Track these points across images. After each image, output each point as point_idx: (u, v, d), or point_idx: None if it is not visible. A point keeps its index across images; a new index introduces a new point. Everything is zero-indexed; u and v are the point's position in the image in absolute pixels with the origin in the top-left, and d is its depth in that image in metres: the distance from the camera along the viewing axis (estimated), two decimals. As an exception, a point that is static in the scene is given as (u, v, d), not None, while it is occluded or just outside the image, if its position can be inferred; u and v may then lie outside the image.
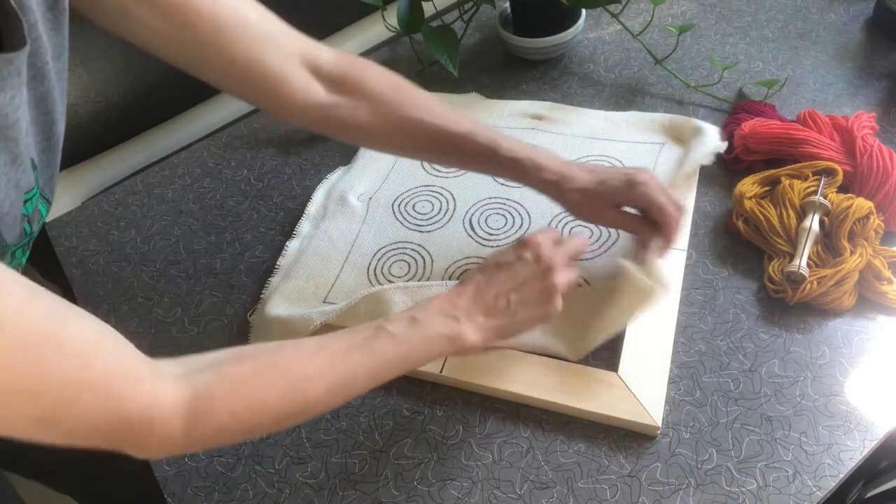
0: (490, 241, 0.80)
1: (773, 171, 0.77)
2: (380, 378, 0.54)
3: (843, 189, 0.75)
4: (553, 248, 0.62)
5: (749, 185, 0.77)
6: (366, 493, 0.64)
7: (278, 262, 0.82)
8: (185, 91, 1.06)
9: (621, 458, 0.62)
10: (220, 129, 1.04)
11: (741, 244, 0.76)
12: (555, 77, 1.00)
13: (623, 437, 0.64)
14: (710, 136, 0.83)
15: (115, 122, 1.03)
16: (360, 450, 0.66)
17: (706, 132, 0.84)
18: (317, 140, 0.97)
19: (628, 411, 0.64)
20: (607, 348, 0.68)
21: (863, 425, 0.61)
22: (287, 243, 0.84)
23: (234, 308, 0.80)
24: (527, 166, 0.66)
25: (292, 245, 0.83)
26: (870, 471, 0.79)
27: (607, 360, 0.68)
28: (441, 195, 0.85)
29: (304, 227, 0.85)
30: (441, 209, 0.84)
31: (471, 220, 0.82)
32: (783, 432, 0.62)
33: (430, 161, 0.87)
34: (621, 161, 0.85)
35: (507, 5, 1.03)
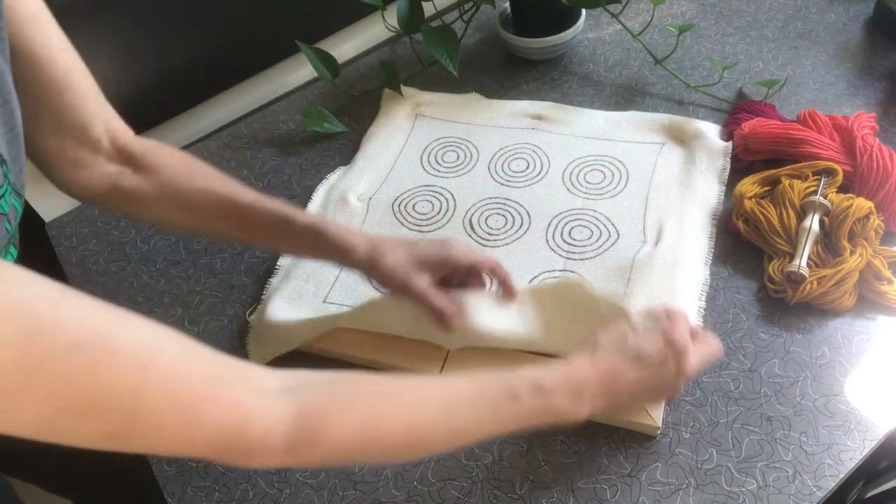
0: (490, 240, 0.80)
1: (773, 171, 0.77)
2: (490, 435, 0.51)
3: (843, 189, 0.75)
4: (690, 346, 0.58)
5: (749, 185, 0.77)
6: (366, 493, 0.64)
7: (278, 263, 0.82)
8: (185, 91, 1.06)
9: (621, 458, 0.62)
10: (220, 129, 1.04)
11: (741, 244, 0.76)
12: (555, 77, 1.00)
13: (623, 437, 0.64)
14: (713, 138, 0.84)
15: (115, 122, 1.03)
16: (360, 450, 0.66)
17: (707, 133, 0.85)
18: (317, 140, 0.97)
19: (628, 411, 0.64)
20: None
21: (863, 425, 0.61)
22: (287, 243, 0.84)
23: (234, 308, 0.80)
24: (327, 234, 0.64)
25: (292, 245, 0.83)
26: (870, 471, 0.79)
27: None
28: (441, 195, 0.85)
29: (304, 227, 0.85)
30: (441, 209, 0.84)
31: (471, 220, 0.82)
32: (783, 432, 0.62)
33: (226, 237, 0.75)
34: (621, 161, 0.85)
35: (507, 5, 1.03)
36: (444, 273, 0.67)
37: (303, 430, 0.42)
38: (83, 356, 0.33)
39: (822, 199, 0.72)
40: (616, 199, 0.81)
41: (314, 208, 0.87)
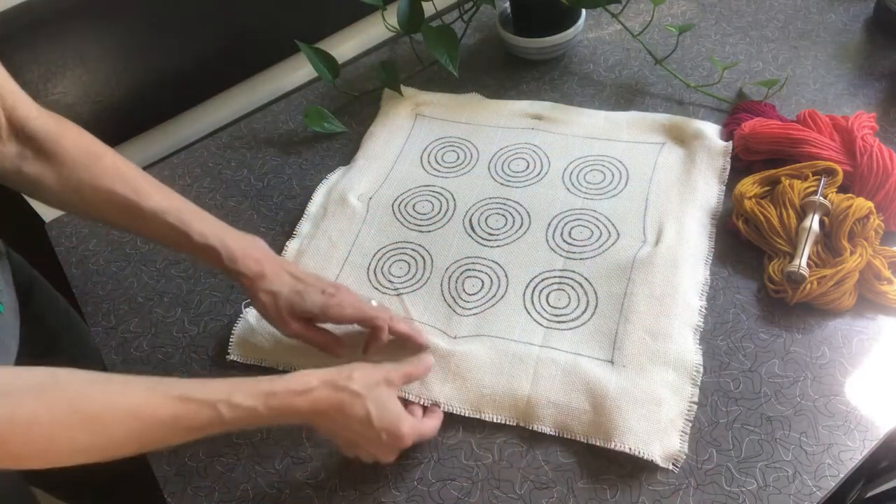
0: (490, 240, 0.80)
1: (773, 171, 0.77)
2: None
3: (843, 189, 0.75)
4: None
5: (749, 185, 0.77)
6: (366, 493, 0.64)
7: (278, 262, 0.82)
8: (185, 91, 1.06)
9: (621, 458, 0.62)
10: (220, 129, 1.04)
11: (741, 244, 0.76)
12: (555, 77, 1.00)
13: (623, 437, 0.64)
14: (713, 138, 0.84)
15: (115, 122, 1.03)
16: (360, 450, 0.66)
17: (707, 133, 0.85)
18: (317, 140, 0.97)
19: None
20: (607, 348, 0.68)
21: (863, 425, 0.61)
22: (287, 243, 0.84)
23: (234, 308, 0.80)
24: (220, 254, 0.65)
25: (292, 245, 0.84)
26: (870, 471, 0.79)
27: (607, 360, 0.68)
28: (441, 195, 0.85)
29: (304, 227, 0.85)
30: (441, 209, 0.84)
31: (471, 220, 0.82)
32: (783, 432, 0.62)
33: (132, 233, 0.76)
34: (621, 161, 0.85)
35: (507, 5, 1.03)
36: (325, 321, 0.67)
37: None
38: None
39: (822, 199, 0.72)
40: (616, 199, 0.81)
41: (314, 208, 0.87)
